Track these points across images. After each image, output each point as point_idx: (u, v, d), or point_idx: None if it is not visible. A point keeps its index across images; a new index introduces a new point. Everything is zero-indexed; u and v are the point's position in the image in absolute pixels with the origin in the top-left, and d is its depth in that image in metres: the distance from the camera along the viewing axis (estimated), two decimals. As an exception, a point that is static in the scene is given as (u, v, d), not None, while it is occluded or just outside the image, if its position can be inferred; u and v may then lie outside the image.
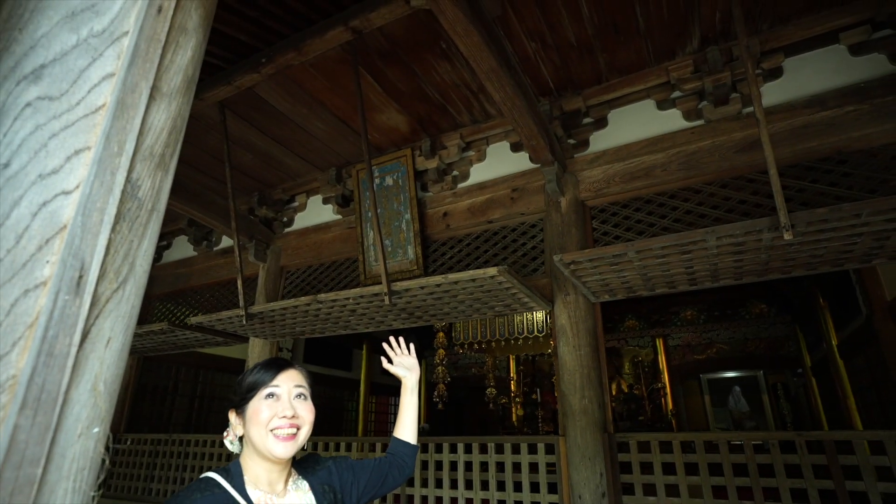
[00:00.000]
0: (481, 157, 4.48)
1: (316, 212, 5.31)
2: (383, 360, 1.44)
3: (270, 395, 1.04)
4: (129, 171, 0.77)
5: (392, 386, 9.82)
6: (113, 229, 0.73)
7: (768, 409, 8.39)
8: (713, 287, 8.21)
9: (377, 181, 4.60)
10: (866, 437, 2.81)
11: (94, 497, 0.67)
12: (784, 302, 8.17)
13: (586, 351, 3.47)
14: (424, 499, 3.86)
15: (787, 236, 2.34)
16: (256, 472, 1.03)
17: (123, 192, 0.76)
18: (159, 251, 6.56)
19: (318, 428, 1.20)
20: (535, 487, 3.53)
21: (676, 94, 3.79)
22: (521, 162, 4.26)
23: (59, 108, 0.71)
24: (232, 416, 1.06)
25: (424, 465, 3.94)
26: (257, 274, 5.43)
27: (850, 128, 3.18)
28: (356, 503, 1.15)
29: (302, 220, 5.41)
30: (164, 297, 6.43)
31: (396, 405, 10.13)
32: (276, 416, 1.00)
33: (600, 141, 4.01)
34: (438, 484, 3.85)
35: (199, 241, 6.09)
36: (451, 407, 7.48)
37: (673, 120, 3.78)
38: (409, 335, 9.70)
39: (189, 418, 8.03)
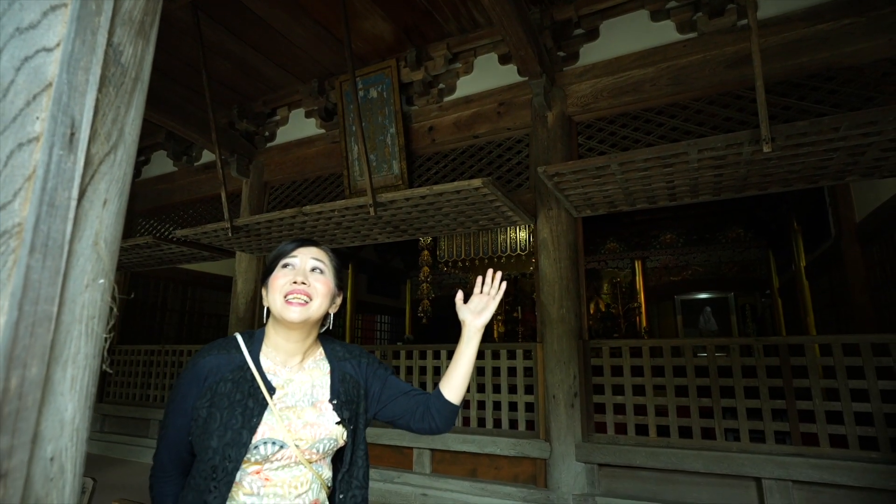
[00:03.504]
0: (468, 70, 4.34)
1: (299, 126, 5.18)
2: (458, 298, 1.24)
3: (287, 265, 1.08)
4: (110, 33, 0.77)
5: (378, 304, 10.10)
6: (99, 90, 0.74)
7: (735, 329, 8.90)
8: (693, 209, 8.33)
9: (361, 94, 4.46)
10: (817, 341, 3.05)
11: (106, 339, 0.73)
12: (760, 226, 8.41)
13: (566, 264, 3.60)
14: (409, 400, 4.14)
15: (767, 149, 2.38)
16: (276, 341, 1.08)
17: (106, 54, 0.76)
18: (138, 166, 6.39)
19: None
20: (512, 389, 3.79)
21: (672, 3, 3.65)
22: (508, 75, 4.15)
23: (31, -40, 0.69)
24: (263, 290, 1.12)
25: (409, 370, 4.18)
26: (241, 190, 5.37)
27: (843, 42, 3.13)
28: (371, 415, 1.14)
29: (284, 135, 5.28)
30: (146, 212, 6.36)
31: (383, 323, 10.48)
32: (289, 283, 1.05)
33: (591, 54, 3.90)
34: (422, 387, 4.11)
35: (178, 156, 5.94)
36: (435, 324, 7.77)
37: (666, 32, 3.67)
38: (395, 253, 9.86)
39: (179, 333, 8.26)
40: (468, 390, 3.88)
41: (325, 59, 4.55)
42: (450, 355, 4.02)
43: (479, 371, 3.90)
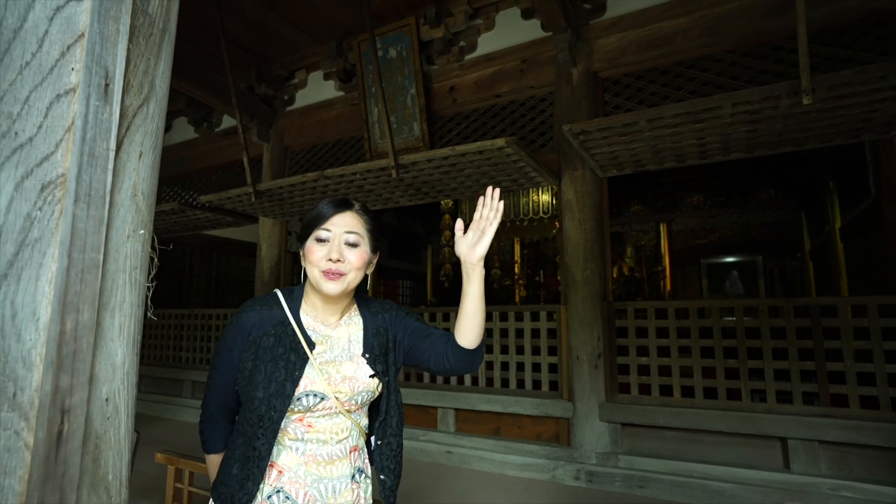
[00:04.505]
0: (490, 26, 4.20)
1: (318, 89, 5.12)
2: (458, 227, 1.13)
3: (321, 239, 1.08)
4: (137, -18, 0.76)
5: (399, 269, 10.20)
6: (130, 40, 0.73)
7: (763, 293, 8.73)
8: (722, 169, 8.07)
9: (380, 53, 4.37)
10: (851, 302, 2.97)
11: (148, 288, 0.75)
12: (792, 187, 8.12)
13: (591, 225, 3.55)
14: (433, 361, 4.21)
15: (807, 101, 2.27)
16: (314, 302, 1.12)
17: (133, 4, 0.76)
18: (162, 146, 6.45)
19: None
20: (536, 351, 3.83)
21: (707, -53, 3.43)
22: (532, 31, 4.00)
23: None
24: (301, 250, 1.14)
25: (433, 332, 4.24)
26: (262, 155, 5.39)
27: (894, -16, 2.92)
28: (399, 362, 1.17)
29: (304, 98, 5.24)
30: (170, 179, 6.46)
31: (404, 288, 10.60)
32: (324, 259, 1.06)
33: (618, 5, 3.72)
34: (446, 348, 4.17)
35: (199, 122, 5.97)
36: (457, 288, 7.82)
37: (700, -21, 3.47)
38: (416, 218, 9.87)
39: (207, 298, 8.51)
40: (490, 351, 3.93)
41: (342, 19, 4.45)
42: (473, 317, 4.05)
43: (502, 333, 3.94)
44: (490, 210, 1.09)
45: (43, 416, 0.58)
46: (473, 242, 1.08)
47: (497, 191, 1.10)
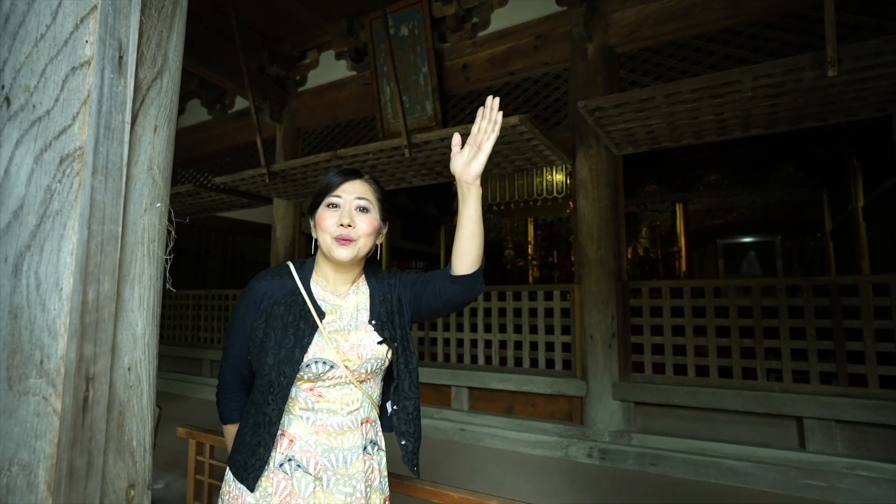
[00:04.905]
0: (503, 1, 4.11)
1: (329, 69, 5.09)
2: (455, 142, 1.05)
3: (333, 205, 1.09)
4: (147, -48, 0.75)
5: (412, 250, 10.23)
6: (142, 13, 0.73)
7: (781, 274, 8.59)
8: (740, 147, 7.90)
9: (392, 31, 4.31)
10: (872, 281, 2.91)
11: (167, 260, 0.76)
12: (813, 165, 7.92)
13: (605, 204, 3.51)
14: (447, 340, 4.25)
15: (832, 73, 2.20)
16: (325, 272, 1.14)
17: (145, -25, 0.75)
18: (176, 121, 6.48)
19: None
20: (549, 330, 3.83)
21: (730, -87, 3.30)
22: (546, 5, 3.91)
23: None
24: (311, 221, 1.15)
25: (446, 312, 4.26)
26: (275, 136, 5.40)
27: (928, -51, 2.79)
28: (409, 320, 1.15)
29: (315, 79, 5.21)
30: (184, 162, 6.51)
31: (417, 269, 10.65)
32: (336, 225, 1.07)
33: (636, -23, 3.61)
34: (459, 328, 4.20)
35: (211, 104, 5.98)
36: (470, 269, 7.83)
37: (722, -53, 3.34)
38: (429, 199, 9.85)
39: (223, 279, 8.63)
40: (504, 330, 3.95)
41: (353, -4, 4.39)
42: (486, 296, 4.06)
43: (516, 312, 3.94)
44: (489, 122, 1.00)
45: (69, 383, 0.60)
46: (469, 159, 1.01)
47: (496, 100, 1.01)
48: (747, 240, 8.95)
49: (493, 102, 1.00)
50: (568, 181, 5.36)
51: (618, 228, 3.56)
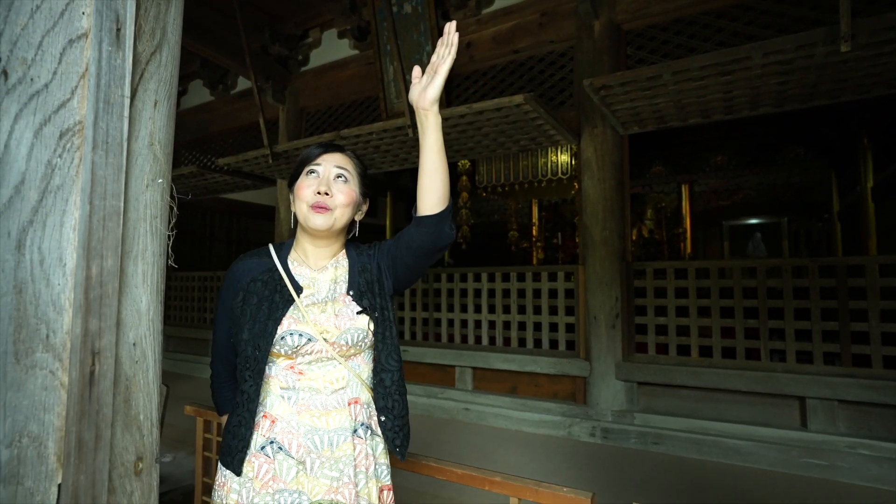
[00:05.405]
0: (508, -23, 4.03)
1: (332, 48, 5.02)
2: (415, 74, 1.00)
3: (311, 172, 1.09)
4: (143, -79, 0.73)
5: (417, 233, 10.21)
6: (140, -16, 0.72)
7: (786, 256, 8.54)
8: (748, 127, 7.79)
9: (394, 9, 4.24)
10: (879, 261, 2.89)
11: (169, 237, 0.76)
12: (822, 145, 7.81)
13: (611, 184, 3.49)
14: (451, 322, 4.27)
15: (845, 48, 2.15)
16: (304, 246, 1.13)
17: (142, -55, 0.73)
18: (177, 97, 6.44)
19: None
20: (553, 311, 3.84)
21: None
22: (552, -20, 3.82)
23: None
24: (290, 196, 1.15)
25: (450, 292, 4.27)
26: (278, 117, 5.36)
27: (948, -81, 2.70)
28: (391, 286, 1.12)
29: (318, 58, 5.14)
30: (188, 143, 6.48)
31: (421, 251, 10.62)
32: (313, 193, 1.06)
33: (645, -50, 3.52)
34: (464, 309, 4.22)
35: (214, 84, 5.93)
36: (474, 250, 7.82)
37: (734, -81, 3.25)
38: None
39: (228, 261, 8.67)
40: (507, 311, 3.96)
41: (355, -27, 4.30)
42: (490, 277, 4.07)
43: (519, 293, 3.95)
44: (445, 47, 0.96)
45: (75, 357, 0.60)
46: (426, 84, 0.96)
47: (453, 23, 0.97)
48: (753, 221, 8.88)
49: (450, 27, 0.97)
50: (573, 162, 5.31)
51: (623, 209, 3.53)
